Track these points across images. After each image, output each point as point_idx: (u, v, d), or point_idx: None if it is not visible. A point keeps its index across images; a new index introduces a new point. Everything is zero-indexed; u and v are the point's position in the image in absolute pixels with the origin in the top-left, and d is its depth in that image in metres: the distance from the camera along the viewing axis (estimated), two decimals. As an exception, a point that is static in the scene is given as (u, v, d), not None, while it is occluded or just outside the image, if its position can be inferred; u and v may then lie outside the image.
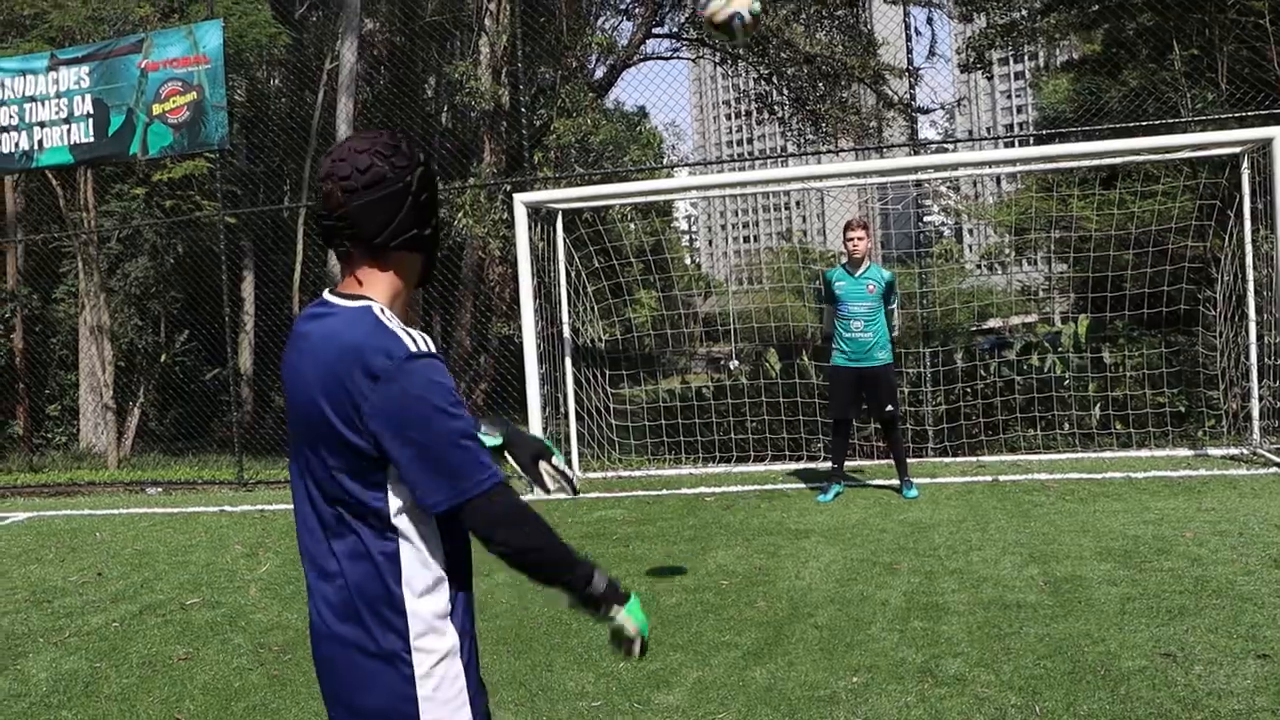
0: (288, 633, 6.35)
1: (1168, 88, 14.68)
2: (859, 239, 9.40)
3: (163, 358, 18.14)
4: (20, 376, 18.82)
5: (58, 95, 13.81)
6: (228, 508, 11.57)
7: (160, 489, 13.74)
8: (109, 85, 13.61)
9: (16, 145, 14.02)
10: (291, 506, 9.35)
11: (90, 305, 16.89)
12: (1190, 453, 10.83)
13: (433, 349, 2.18)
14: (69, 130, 13.81)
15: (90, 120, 13.68)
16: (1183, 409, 12.10)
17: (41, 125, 13.91)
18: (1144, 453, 11.07)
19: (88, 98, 13.69)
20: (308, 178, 22.18)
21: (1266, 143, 9.90)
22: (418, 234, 2.30)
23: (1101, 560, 6.73)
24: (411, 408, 2.09)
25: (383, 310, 2.21)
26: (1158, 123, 12.52)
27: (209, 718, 5.07)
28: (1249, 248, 10.65)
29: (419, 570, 2.19)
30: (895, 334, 9.63)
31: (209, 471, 14.71)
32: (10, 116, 14.01)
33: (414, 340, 2.15)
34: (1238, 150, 10.68)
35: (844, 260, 9.65)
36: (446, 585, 2.23)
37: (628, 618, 2.33)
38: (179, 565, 8.55)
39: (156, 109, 13.38)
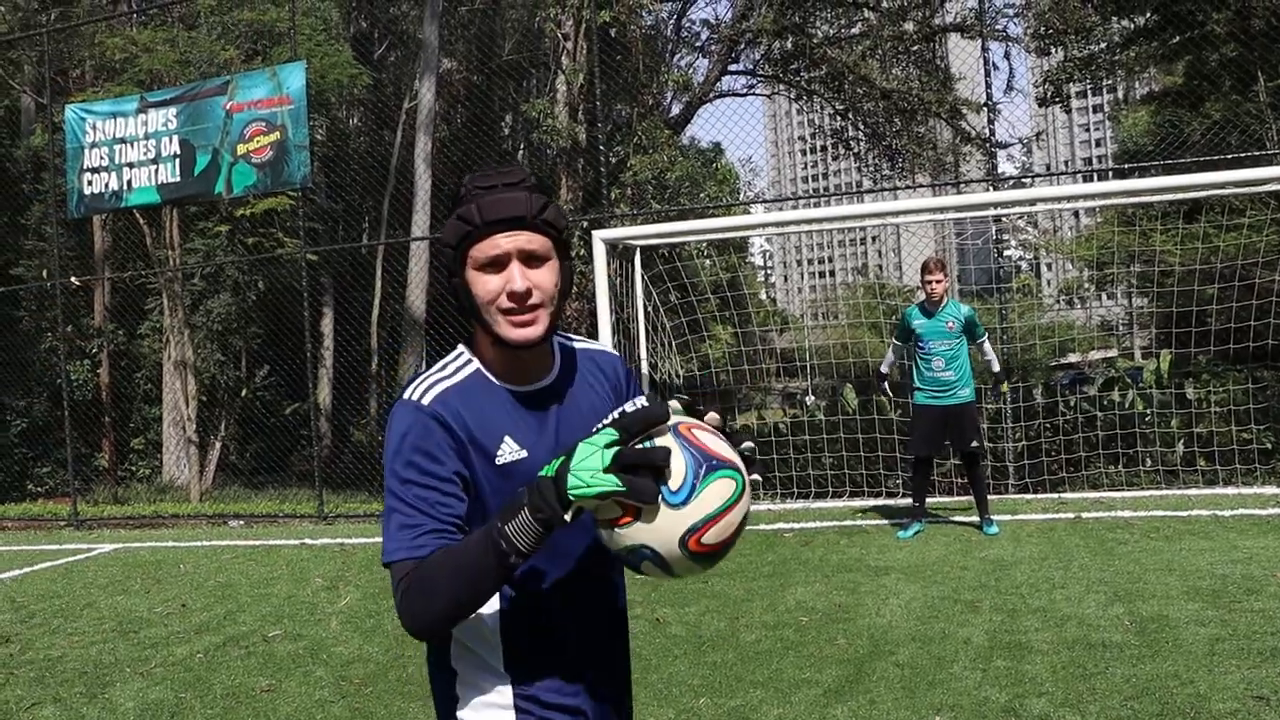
0: (369, 666, 6.40)
1: (1252, 119, 14.48)
2: (936, 281, 9.36)
3: (244, 392, 18.45)
4: (106, 410, 19.22)
5: (146, 137, 14.15)
6: (308, 541, 11.70)
7: (242, 522, 13.94)
8: (195, 126, 13.92)
9: (106, 185, 14.37)
10: (370, 540, 9.44)
11: (174, 340, 17.24)
12: (1278, 490, 10.61)
13: (424, 395, 2.02)
14: (156, 170, 14.14)
15: (177, 160, 14.00)
16: (1269, 445, 11.86)
17: (130, 166, 14.25)
18: (1230, 490, 10.86)
19: (175, 139, 14.01)
20: (386, 215, 22.49)
21: (1355, 174, 9.72)
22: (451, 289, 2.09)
23: (1189, 600, 6.60)
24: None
25: (455, 356, 2.14)
26: (1242, 155, 12.34)
27: (292, 748, 5.12)
28: (1338, 281, 10.44)
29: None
30: (997, 367, 9.61)
31: (289, 505, 14.91)
32: (101, 158, 14.38)
33: (414, 386, 2.05)
34: (1325, 182, 10.48)
35: (922, 299, 9.59)
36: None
37: (574, 493, 1.75)
38: (261, 597, 8.66)
39: (241, 149, 13.66)
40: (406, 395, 2.05)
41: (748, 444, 1.95)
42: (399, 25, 25.36)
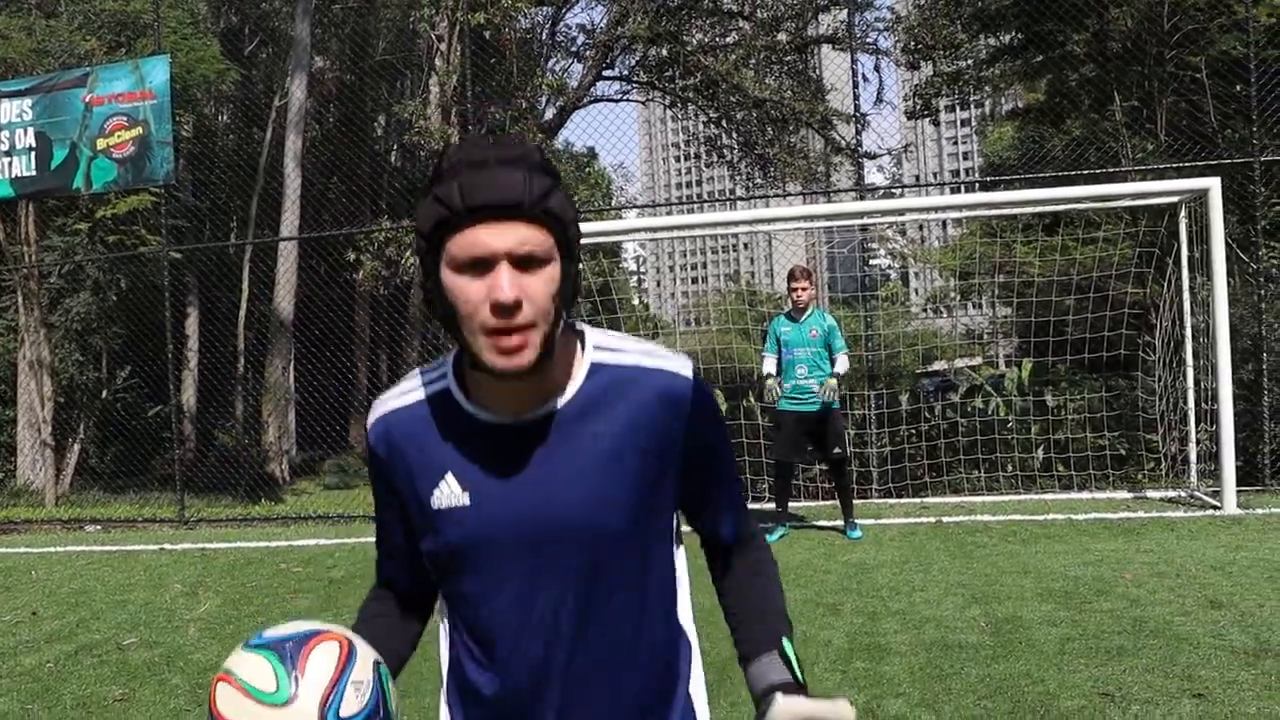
0: (226, 673, 6.24)
1: (1109, 137, 14.93)
2: (802, 289, 9.52)
3: (104, 394, 17.90)
4: (-44, 412, 18.51)
5: (-1, 128, 13.68)
6: (168, 546, 11.41)
7: (99, 527, 13.55)
8: (52, 119, 13.50)
9: (-43, 178, 13.85)
10: (232, 545, 9.22)
11: (30, 340, 16.67)
12: (1130, 495, 10.98)
13: (372, 415, 1.83)
14: (10, 163, 13.67)
15: (32, 154, 13.56)
16: (1123, 452, 12.25)
17: (-18, 158, 13.76)
18: (1085, 495, 11.21)
19: (30, 131, 13.57)
20: (254, 214, 22.07)
21: (1203, 193, 10.11)
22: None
23: (1042, 601, 6.79)
24: None
25: (431, 367, 1.83)
26: (1099, 171, 12.76)
27: (143, 759, 4.98)
28: (1186, 295, 10.84)
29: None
30: (841, 370, 9.53)
31: (149, 509, 14.54)
32: (-48, 149, 13.85)
33: (378, 399, 1.85)
34: (1175, 200, 10.88)
35: (788, 308, 9.71)
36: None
37: None
38: (117, 604, 8.41)
39: (101, 143, 13.29)
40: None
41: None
42: (270, 21, 24.90)
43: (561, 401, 1.69)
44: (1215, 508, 9.82)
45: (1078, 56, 15.72)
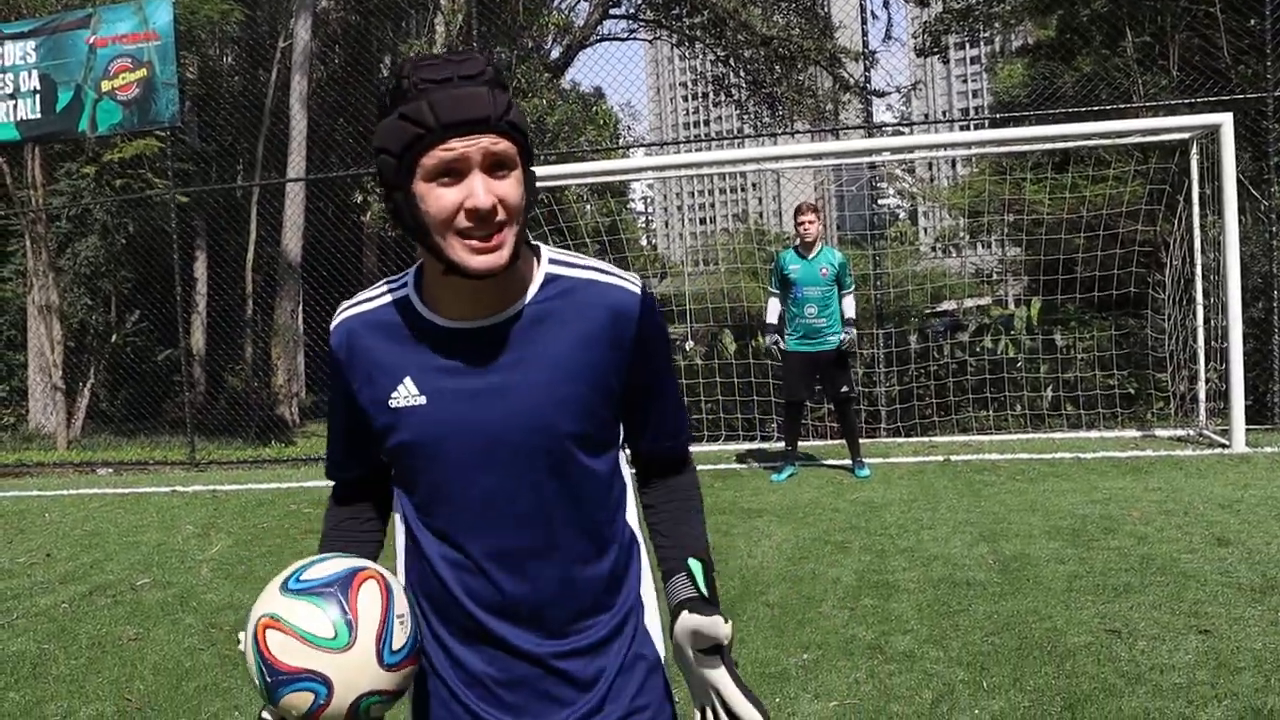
0: (239, 612, 6.31)
1: (1120, 74, 14.81)
2: (809, 222, 9.41)
3: (114, 338, 17.93)
4: (-34, 357, 18.58)
5: (2, 70, 13.58)
6: (179, 488, 11.48)
7: (111, 469, 13.62)
8: (56, 61, 13.41)
9: (-39, 121, 13.79)
10: (243, 487, 9.26)
11: (39, 284, 16.68)
12: (1139, 434, 10.98)
13: (335, 319, 1.91)
14: (14, 106, 13.59)
15: (37, 96, 13.49)
16: (1132, 391, 12.25)
17: (-14, 101, 13.69)
18: (1093, 434, 11.21)
19: (34, 73, 13.49)
20: (260, 156, 21.98)
21: (1214, 129, 10.02)
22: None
23: (1050, 539, 6.81)
24: None
25: (393, 279, 1.91)
26: (1110, 108, 12.64)
27: (159, 698, 5.04)
28: (1197, 233, 10.78)
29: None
30: (851, 314, 9.52)
31: (160, 452, 14.61)
32: (-46, 92, 13.78)
33: (341, 306, 1.94)
34: (1187, 136, 10.79)
35: (796, 243, 9.65)
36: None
37: None
38: (129, 546, 8.48)
39: (105, 85, 13.21)
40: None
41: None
42: (273, -39, 24.65)
43: (519, 307, 1.77)
44: (1224, 446, 9.82)
45: (1090, -9, 15.57)
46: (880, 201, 18.60)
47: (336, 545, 1.96)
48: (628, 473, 1.98)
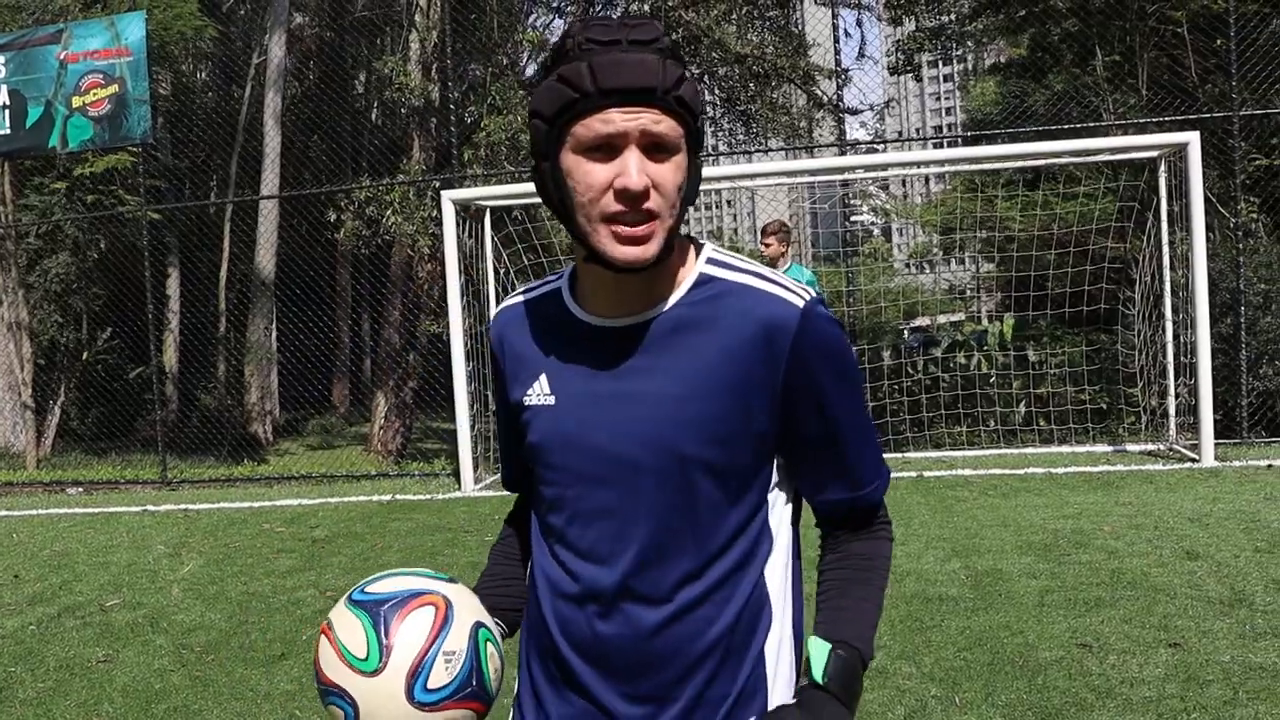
0: (210, 633, 6.27)
1: (1090, 92, 14.93)
2: (765, 245, 9.66)
3: (85, 356, 17.83)
4: (-65, 374, 18.42)
5: (-28, 86, 13.53)
6: (150, 507, 11.41)
7: (81, 489, 13.52)
8: (26, 76, 13.35)
9: (-70, 136, 13.70)
10: (215, 506, 9.19)
11: (8, 302, 16.57)
12: (1110, 448, 11.06)
13: (499, 307, 1.79)
14: (-15, 122, 13.53)
15: (6, 112, 13.41)
16: (1104, 406, 12.32)
17: (-44, 116, 13.61)
18: (1065, 449, 11.28)
19: (3, 88, 13.41)
20: (234, 173, 21.92)
21: (1182, 147, 10.13)
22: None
23: (1022, 554, 6.84)
24: None
25: (561, 271, 1.76)
26: (1080, 126, 12.74)
27: None
28: (1166, 249, 10.87)
29: None
30: None
31: (132, 471, 14.52)
32: (-77, 107, 13.70)
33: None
34: (1156, 154, 10.91)
35: (765, 262, 9.73)
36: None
37: None
38: (99, 566, 8.41)
39: (76, 101, 13.15)
40: None
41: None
42: (248, -22, 24.63)
43: (664, 309, 1.57)
44: (1193, 460, 9.89)
45: (1060, 11, 15.69)
46: (854, 218, 18.69)
47: (496, 563, 1.87)
48: (785, 528, 1.72)
